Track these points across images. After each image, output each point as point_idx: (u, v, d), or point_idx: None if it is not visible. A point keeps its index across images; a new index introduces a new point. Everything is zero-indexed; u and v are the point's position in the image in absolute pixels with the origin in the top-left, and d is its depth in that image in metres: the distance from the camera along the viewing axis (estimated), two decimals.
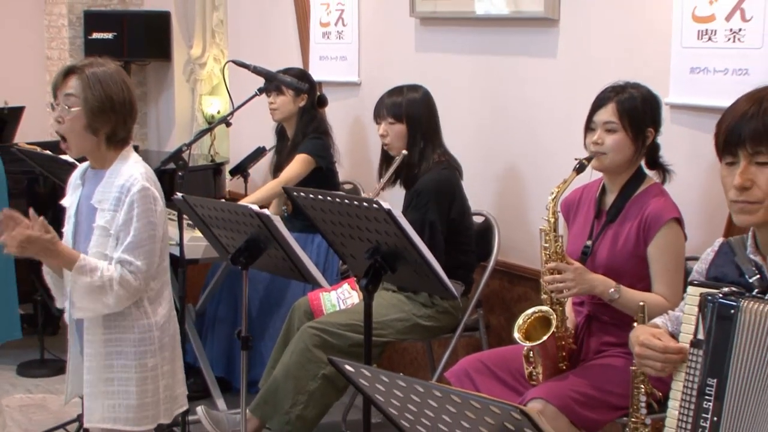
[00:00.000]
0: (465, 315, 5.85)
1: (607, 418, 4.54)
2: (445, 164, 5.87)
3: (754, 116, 3.25)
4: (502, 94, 6.33)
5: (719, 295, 3.24)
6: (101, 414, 4.35)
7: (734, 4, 4.94)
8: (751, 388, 3.14)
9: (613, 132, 4.68)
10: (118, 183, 4.28)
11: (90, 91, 4.23)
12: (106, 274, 4.15)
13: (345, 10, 7.57)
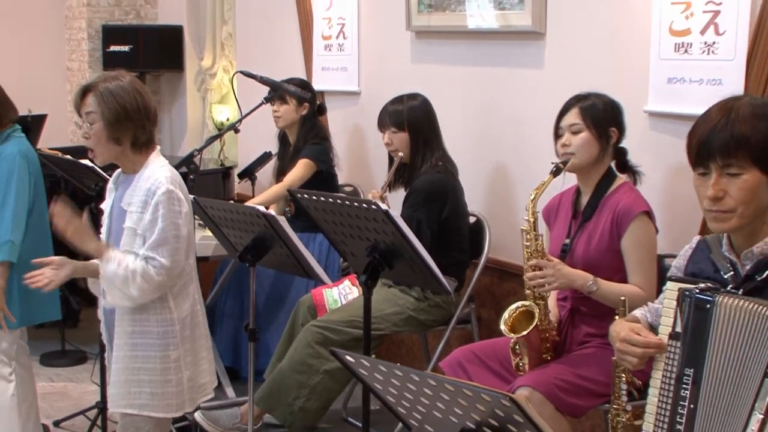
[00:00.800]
0: (458, 309, 5.84)
1: (589, 404, 4.54)
2: (441, 168, 5.87)
3: (723, 129, 3.25)
4: (493, 102, 6.33)
5: (696, 290, 3.24)
6: (127, 400, 4.36)
7: (708, 19, 4.96)
8: (726, 378, 3.13)
9: (578, 132, 4.74)
10: (145, 186, 4.29)
11: (105, 106, 4.26)
12: (131, 266, 4.16)
13: (345, 24, 7.57)
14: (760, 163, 3.24)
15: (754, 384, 3.04)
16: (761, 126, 3.24)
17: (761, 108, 3.29)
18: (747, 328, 3.09)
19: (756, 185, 3.25)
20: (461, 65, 6.58)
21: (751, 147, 3.23)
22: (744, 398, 3.07)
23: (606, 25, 5.55)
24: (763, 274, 3.28)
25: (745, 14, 4.81)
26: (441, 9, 6.60)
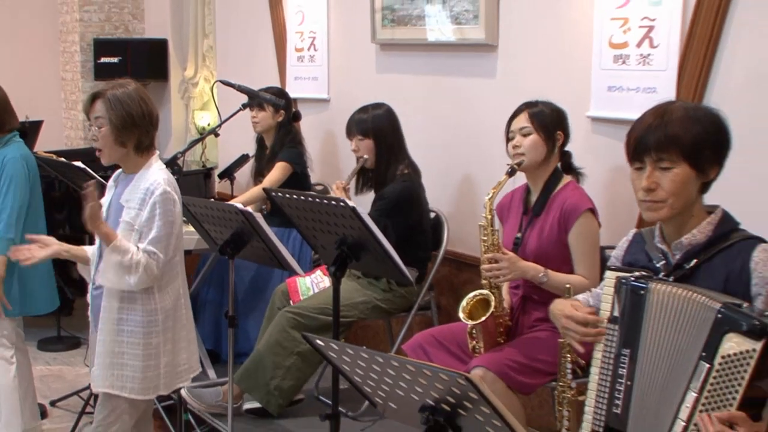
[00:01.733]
0: (419, 297, 5.87)
1: (538, 382, 4.57)
2: (407, 176, 5.88)
3: (658, 127, 3.30)
4: (451, 108, 6.35)
5: (632, 278, 3.28)
6: (110, 381, 4.34)
7: (644, 33, 5.00)
8: (661, 357, 3.16)
9: (528, 135, 4.77)
10: (144, 186, 4.32)
11: (113, 112, 4.28)
12: (136, 257, 4.18)
13: (316, 37, 7.57)
14: (689, 159, 3.28)
15: (689, 365, 3.05)
16: (692, 127, 3.29)
17: (693, 111, 3.36)
18: (681, 313, 3.12)
19: (685, 179, 3.30)
20: (422, 75, 6.60)
21: (682, 144, 3.28)
22: (680, 377, 3.09)
23: (552, 39, 5.58)
24: (691, 262, 3.31)
25: (677, 29, 4.85)
26: (403, 23, 6.61)
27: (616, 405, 3.27)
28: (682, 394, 3.07)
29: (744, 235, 3.36)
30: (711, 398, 3.00)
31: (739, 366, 2.94)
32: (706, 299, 3.05)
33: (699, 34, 4.78)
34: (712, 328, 2.99)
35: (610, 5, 5.17)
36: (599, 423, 3.30)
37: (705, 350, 3.01)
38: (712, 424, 2.93)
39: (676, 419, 3.07)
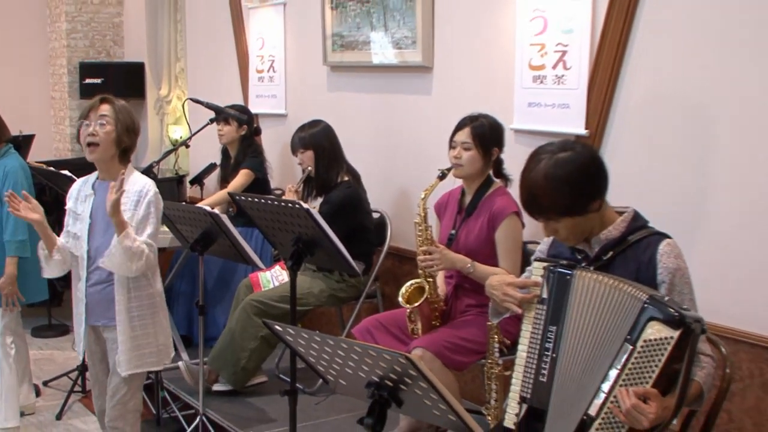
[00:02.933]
0: (366, 286, 5.89)
1: (470, 360, 4.60)
2: (349, 183, 5.89)
3: (532, 204, 3.33)
4: (392, 122, 6.38)
5: (559, 265, 3.31)
6: (134, 363, 4.36)
7: (558, 57, 5.04)
8: (584, 334, 3.17)
9: (468, 149, 4.78)
10: (136, 189, 4.33)
11: (121, 115, 4.35)
12: (141, 246, 4.20)
13: (275, 60, 7.57)
14: (568, 215, 3.28)
15: (615, 345, 3.07)
16: (558, 193, 3.25)
17: (552, 176, 3.27)
18: (607, 298, 3.14)
19: (574, 222, 3.31)
20: (367, 93, 6.61)
21: (556, 212, 3.29)
22: (604, 354, 3.10)
23: (480, 61, 5.62)
24: (608, 254, 3.33)
25: (586, 54, 4.90)
26: (351, 48, 6.62)
27: (542, 374, 3.26)
28: (606, 370, 3.09)
29: (652, 231, 3.39)
30: (631, 375, 3.03)
31: (658, 350, 2.98)
32: (634, 290, 3.07)
33: (605, 58, 4.83)
34: (638, 315, 3.01)
35: (530, 32, 5.20)
36: (527, 390, 3.30)
37: (630, 334, 3.03)
38: (629, 398, 2.96)
39: (599, 391, 3.09)
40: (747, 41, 4.26)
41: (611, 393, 3.06)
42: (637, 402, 2.95)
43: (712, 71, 4.41)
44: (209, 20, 8.59)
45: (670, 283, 3.27)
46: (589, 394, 3.14)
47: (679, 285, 3.28)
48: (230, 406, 5.64)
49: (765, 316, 4.11)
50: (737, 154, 4.33)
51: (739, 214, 4.34)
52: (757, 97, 4.24)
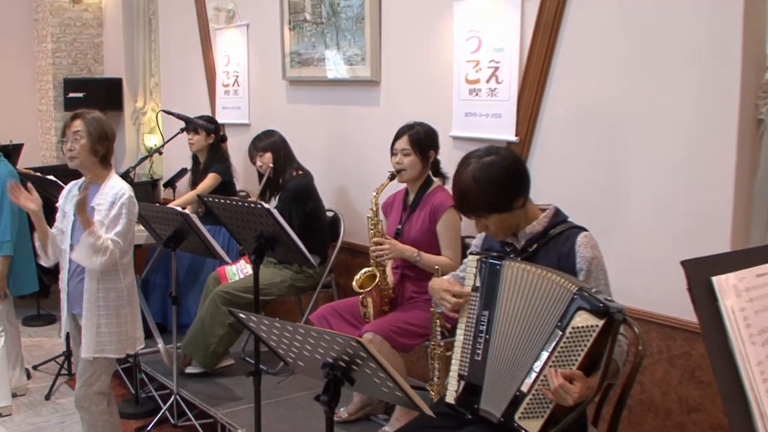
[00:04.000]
0: (322, 277, 5.88)
1: (415, 342, 4.62)
2: (302, 175, 5.92)
3: (463, 203, 3.38)
4: (345, 130, 6.38)
5: (490, 257, 3.32)
6: (94, 348, 4.36)
7: (491, 72, 5.06)
8: (515, 318, 3.18)
9: (408, 155, 4.82)
10: (112, 192, 4.34)
11: (92, 127, 4.35)
12: (106, 243, 4.20)
13: (239, 75, 7.54)
14: (496, 211, 3.32)
15: (546, 330, 3.08)
16: (483, 194, 3.30)
17: (479, 177, 3.32)
18: (536, 286, 3.14)
19: (502, 219, 3.34)
20: (322, 104, 6.60)
21: (484, 209, 3.33)
22: (536, 338, 3.11)
23: (422, 76, 5.63)
24: (533, 246, 3.36)
25: (515, 69, 4.92)
26: (307, 64, 6.62)
27: (477, 354, 3.27)
28: (538, 351, 3.10)
29: (571, 225, 3.42)
30: (560, 357, 3.04)
31: (584, 336, 2.99)
32: (563, 281, 3.08)
33: (532, 73, 4.86)
34: (568, 305, 3.03)
35: (466, 51, 5.22)
36: (464, 368, 3.31)
37: (560, 321, 3.04)
38: (557, 378, 2.98)
39: (531, 370, 3.10)
40: (651, 61, 4.32)
41: (542, 373, 3.07)
42: (564, 382, 2.98)
43: (623, 85, 4.46)
44: (180, 40, 8.54)
45: (587, 270, 3.30)
46: (522, 372, 3.15)
47: (595, 272, 3.32)
48: (201, 386, 5.63)
49: (671, 300, 4.15)
50: (645, 157, 4.38)
51: (647, 210, 4.39)
52: (660, 108, 4.30)
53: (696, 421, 4.28)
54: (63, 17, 9.92)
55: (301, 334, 2.90)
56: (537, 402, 3.11)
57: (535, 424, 3.12)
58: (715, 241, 4.06)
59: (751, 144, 4.12)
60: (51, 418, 5.83)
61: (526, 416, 3.14)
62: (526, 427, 3.13)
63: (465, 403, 3.34)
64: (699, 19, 4.13)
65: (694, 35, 4.16)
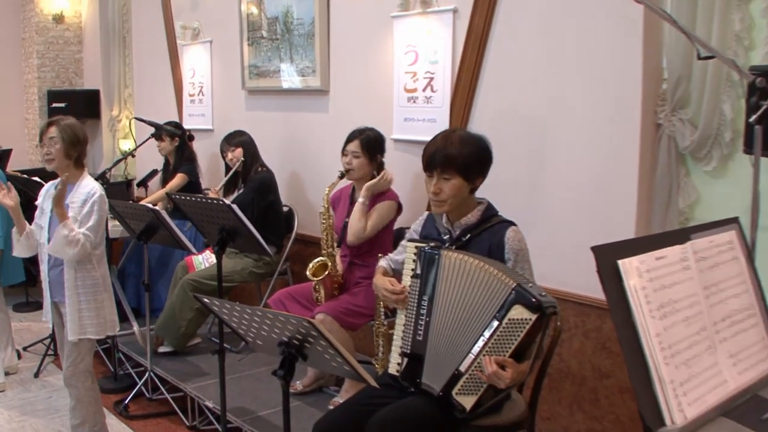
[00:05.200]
0: (279, 265, 5.86)
1: (362, 322, 4.63)
2: (265, 172, 5.90)
3: (442, 150, 3.35)
4: (298, 134, 6.35)
5: (428, 247, 3.32)
6: (78, 331, 4.32)
7: (427, 82, 5.07)
8: (452, 303, 3.18)
9: (357, 157, 4.79)
10: (85, 191, 4.29)
11: (65, 133, 4.33)
12: (78, 236, 4.17)
13: (204, 86, 7.49)
14: (462, 173, 3.34)
15: (484, 319, 3.07)
16: (465, 150, 3.34)
17: (467, 138, 3.40)
18: (473, 276, 3.13)
19: (459, 186, 3.35)
20: (277, 112, 6.57)
21: (457, 164, 3.33)
22: (474, 325, 3.11)
23: (366, 86, 5.63)
24: (467, 236, 3.37)
25: (448, 79, 4.94)
26: (264, 76, 6.59)
27: (419, 334, 3.27)
28: (477, 336, 3.09)
29: (501, 219, 3.43)
30: (494, 345, 3.04)
31: (518, 327, 3.00)
32: (502, 275, 3.07)
33: (462, 83, 4.87)
34: (506, 298, 3.02)
35: (405, 63, 5.23)
36: (407, 346, 3.31)
37: (498, 312, 3.03)
38: (490, 365, 3.00)
39: (469, 353, 3.10)
40: (567, 72, 4.36)
41: (478, 356, 3.08)
42: (497, 369, 2.99)
43: (543, 93, 4.49)
44: (151, 55, 8.46)
45: (515, 260, 3.33)
46: (461, 353, 3.15)
47: (521, 262, 3.34)
48: (173, 364, 5.58)
49: (585, 281, 4.18)
50: (561, 156, 4.42)
51: (564, 202, 4.43)
52: (574, 113, 4.34)
53: (607, 386, 4.33)
54: (47, 36, 9.84)
55: (258, 316, 2.89)
56: (473, 381, 3.12)
57: (470, 400, 3.14)
58: (622, 229, 4.11)
59: (651, 145, 4.17)
60: (40, 393, 5.79)
61: (462, 392, 3.15)
62: (462, 402, 3.15)
63: (408, 378, 3.35)
64: (607, 38, 4.18)
65: (603, 51, 4.20)
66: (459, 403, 3.16)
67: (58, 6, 9.77)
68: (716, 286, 2.28)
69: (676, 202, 4.16)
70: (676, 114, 4.08)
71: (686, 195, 4.14)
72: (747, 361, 2.26)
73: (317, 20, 5.96)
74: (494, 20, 4.73)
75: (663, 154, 4.15)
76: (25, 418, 5.35)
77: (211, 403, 4.89)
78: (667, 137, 4.12)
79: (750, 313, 2.36)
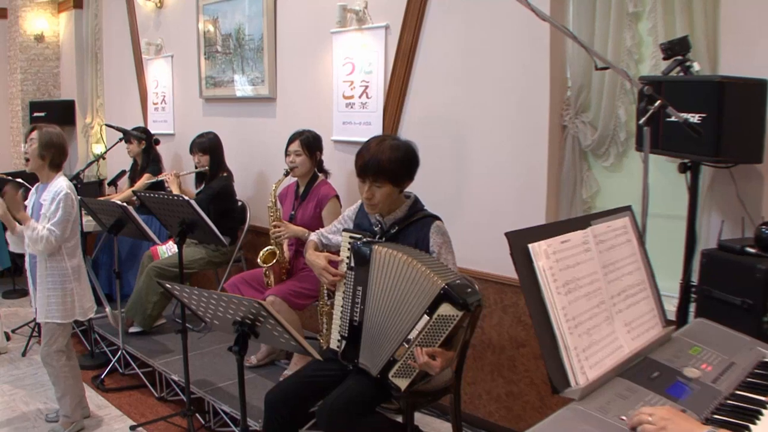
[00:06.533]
0: (234, 254, 5.79)
1: (307, 302, 4.59)
2: (225, 178, 5.77)
3: (373, 159, 3.30)
4: (249, 137, 6.28)
5: (360, 242, 3.29)
6: (44, 314, 4.26)
7: (363, 90, 5.05)
8: (385, 294, 3.17)
9: (299, 155, 4.75)
10: (54, 190, 4.21)
11: (42, 137, 4.26)
12: (41, 233, 4.10)
13: (166, 95, 7.37)
14: (392, 181, 3.31)
15: (416, 313, 3.06)
16: (394, 161, 3.28)
17: (396, 148, 3.33)
18: (402, 271, 3.11)
19: (390, 191, 3.33)
20: (231, 117, 6.50)
21: (387, 174, 3.29)
22: (407, 318, 3.09)
23: (309, 94, 5.59)
24: (395, 229, 3.36)
25: (381, 87, 4.93)
26: (219, 86, 6.52)
27: (354, 320, 3.26)
28: (409, 327, 3.08)
29: (426, 214, 3.42)
30: (425, 337, 3.03)
31: (446, 322, 2.99)
32: (431, 273, 3.04)
33: (393, 90, 4.87)
34: (436, 297, 3.00)
35: (343, 73, 5.21)
36: (345, 330, 3.30)
37: (429, 308, 3.01)
38: (422, 356, 2.99)
39: (403, 342, 3.09)
40: (484, 80, 4.38)
41: (411, 345, 3.06)
42: (428, 360, 2.99)
43: (464, 99, 4.51)
44: (120, 68, 8.32)
45: (439, 252, 3.32)
46: (395, 340, 3.13)
47: (444, 253, 3.33)
48: (142, 342, 5.50)
49: (503, 263, 4.17)
50: (481, 154, 4.44)
51: (483, 194, 4.45)
52: (491, 115, 4.36)
53: (523, 354, 4.37)
54: (29, 54, 9.73)
55: (215, 299, 2.89)
56: (406, 367, 3.12)
57: (404, 382, 3.14)
58: (534, 217, 4.14)
59: (558, 144, 4.21)
60: (27, 370, 5.72)
61: (397, 375, 3.15)
62: (397, 383, 3.15)
63: (347, 357, 3.34)
64: (518, 52, 4.21)
65: (515, 64, 4.23)
66: (395, 384, 3.16)
67: (39, 27, 9.67)
68: (613, 265, 2.30)
69: (580, 193, 4.21)
70: (579, 117, 4.12)
71: (588, 187, 4.19)
72: (639, 329, 2.29)
73: (266, 36, 5.93)
74: (421, 36, 4.74)
75: (568, 152, 4.19)
76: (15, 391, 5.28)
77: (176, 376, 4.83)
78: (572, 137, 4.16)
79: (641, 287, 2.39)
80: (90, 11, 9.23)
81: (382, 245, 3.24)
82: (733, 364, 2.28)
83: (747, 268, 2.87)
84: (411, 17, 4.76)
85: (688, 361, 2.22)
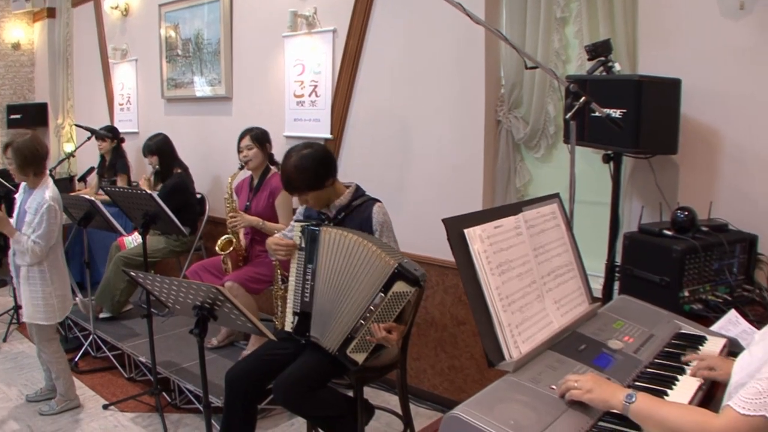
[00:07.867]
0: (194, 243, 5.69)
1: (263, 287, 4.53)
2: (180, 174, 5.65)
3: (288, 183, 3.29)
4: (208, 134, 6.19)
5: (310, 225, 3.28)
6: (30, 316, 4.17)
7: (312, 89, 5.02)
8: (333, 270, 3.13)
9: (251, 149, 4.68)
10: (38, 200, 4.06)
11: (17, 159, 4.06)
12: (26, 245, 4.00)
13: (131, 96, 7.24)
14: (312, 190, 3.28)
15: (371, 292, 3.03)
16: (303, 174, 3.23)
17: (298, 164, 3.28)
18: (352, 249, 3.08)
19: (317, 195, 3.30)
20: (191, 116, 6.40)
21: (304, 188, 3.28)
22: (359, 291, 3.07)
23: (263, 93, 5.52)
24: (341, 215, 3.33)
25: (329, 86, 4.90)
26: (180, 87, 6.43)
27: (306, 295, 3.22)
28: (366, 306, 3.04)
29: (368, 198, 3.40)
30: (381, 314, 3.01)
31: (400, 299, 2.98)
32: (383, 253, 3.01)
33: (341, 88, 4.83)
34: (390, 276, 2.97)
35: (294, 74, 5.16)
36: (297, 305, 3.27)
37: (383, 287, 2.99)
38: (379, 332, 2.99)
39: (360, 319, 3.06)
40: (425, 79, 4.37)
41: (368, 322, 3.04)
42: (385, 334, 3.00)
43: (406, 96, 4.49)
44: (88, 72, 8.20)
45: (380, 231, 3.30)
46: (351, 318, 3.10)
47: (386, 232, 3.31)
48: (111, 327, 5.40)
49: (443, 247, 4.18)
50: (422, 147, 4.43)
51: (425, 184, 4.44)
52: (432, 111, 4.35)
53: (463, 331, 4.37)
54: (7, 60, 9.58)
55: (176, 285, 2.86)
56: (364, 342, 3.10)
57: (361, 356, 3.12)
58: (472, 204, 4.14)
59: (493, 137, 4.21)
60: (8, 354, 5.59)
61: (355, 351, 3.12)
62: (355, 358, 3.13)
63: (299, 331, 3.30)
64: (456, 53, 4.20)
65: (453, 64, 4.22)
66: (352, 359, 3.13)
67: (15, 36, 9.57)
68: (543, 248, 2.30)
69: (514, 182, 4.22)
70: (512, 112, 4.13)
71: (521, 176, 4.20)
72: (567, 306, 2.29)
73: (222, 40, 5.87)
74: (366, 38, 4.70)
75: (502, 145, 4.20)
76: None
77: (143, 358, 4.76)
78: (506, 131, 4.17)
79: (569, 268, 2.40)
80: (62, 20, 9.12)
81: (329, 227, 3.22)
82: (653, 335, 2.30)
83: (664, 248, 2.91)
84: (357, 21, 4.72)
85: (612, 334, 2.24)
